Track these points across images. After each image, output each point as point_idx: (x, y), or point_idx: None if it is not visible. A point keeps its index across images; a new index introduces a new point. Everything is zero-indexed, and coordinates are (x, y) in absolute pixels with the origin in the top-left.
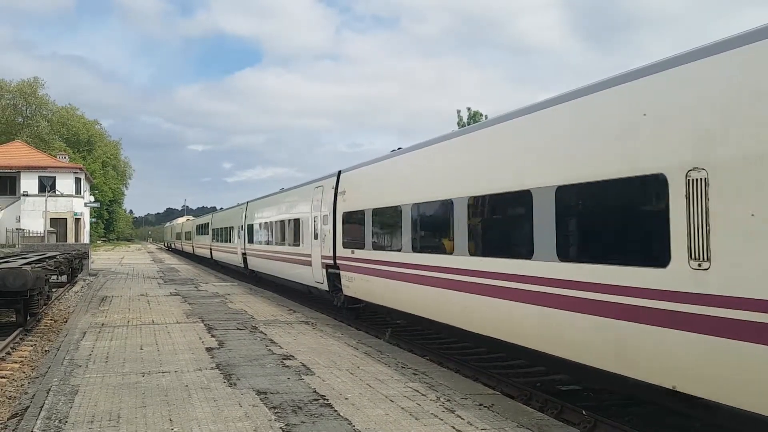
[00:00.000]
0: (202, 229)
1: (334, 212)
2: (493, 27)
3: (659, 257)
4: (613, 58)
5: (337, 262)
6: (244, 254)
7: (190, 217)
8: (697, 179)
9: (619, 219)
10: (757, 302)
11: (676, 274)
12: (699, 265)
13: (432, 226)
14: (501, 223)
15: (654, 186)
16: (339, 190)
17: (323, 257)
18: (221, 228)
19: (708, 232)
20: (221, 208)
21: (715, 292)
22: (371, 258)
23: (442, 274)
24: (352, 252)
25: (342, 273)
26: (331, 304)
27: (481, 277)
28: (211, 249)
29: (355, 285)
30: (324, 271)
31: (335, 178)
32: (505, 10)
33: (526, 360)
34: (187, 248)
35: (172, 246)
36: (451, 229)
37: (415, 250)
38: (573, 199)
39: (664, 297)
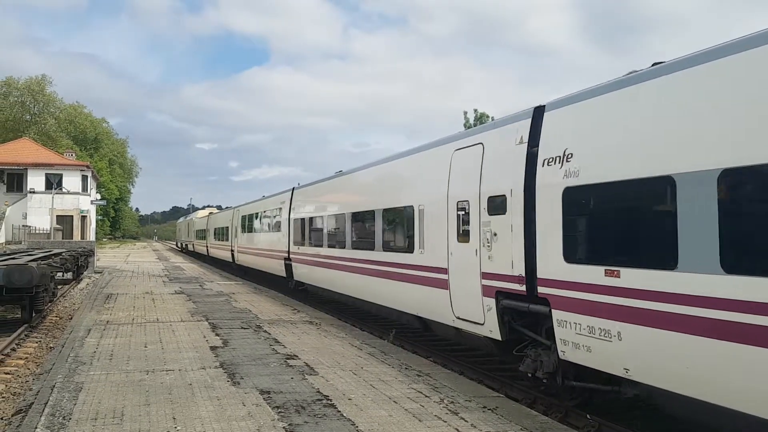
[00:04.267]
0: (255, 222)
1: None
2: (503, 27)
3: None
4: (624, 60)
5: None
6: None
7: (214, 210)
8: None
9: None
10: None
11: None
12: None
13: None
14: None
15: None
16: None
17: None
18: (329, 216)
19: None
20: (303, 183)
21: None
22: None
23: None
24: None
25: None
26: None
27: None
28: (289, 259)
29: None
30: None
31: None
32: (515, 10)
33: None
34: (219, 253)
35: (189, 248)
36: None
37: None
38: None
39: None
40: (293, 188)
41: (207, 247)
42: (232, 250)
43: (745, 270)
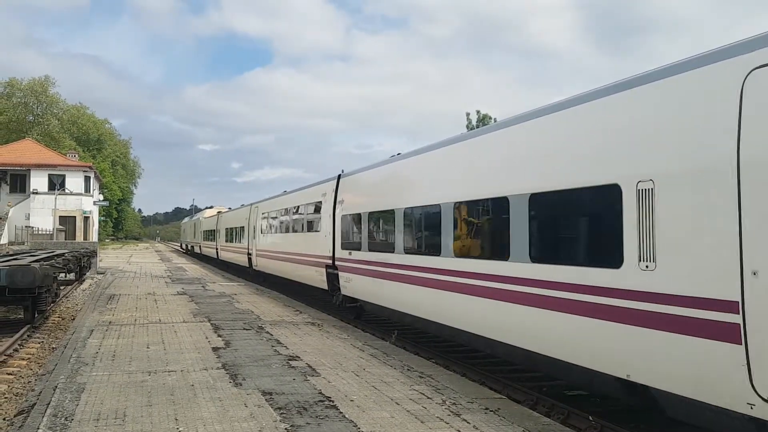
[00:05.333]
0: (282, 219)
1: None
2: (504, 29)
3: None
4: (627, 62)
5: None
6: None
7: (223, 208)
8: None
9: None
10: None
11: None
12: None
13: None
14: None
15: None
16: None
17: None
18: (408, 210)
19: None
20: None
21: None
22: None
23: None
24: None
25: None
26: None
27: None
28: (334, 267)
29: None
30: None
31: None
32: (517, 12)
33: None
34: (231, 256)
35: (196, 250)
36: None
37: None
38: None
39: None
40: (339, 175)
41: (217, 249)
42: (249, 254)
43: None
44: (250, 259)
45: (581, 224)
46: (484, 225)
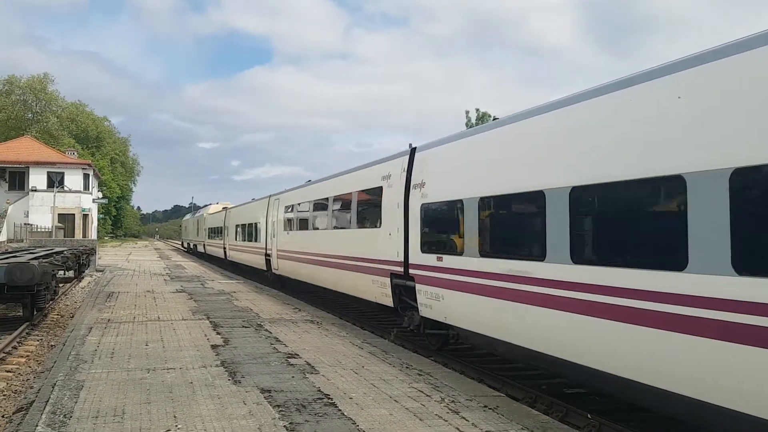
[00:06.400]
0: (316, 213)
1: None
2: (505, 28)
3: None
4: (628, 61)
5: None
6: None
7: (228, 204)
8: None
9: None
10: None
11: None
12: None
13: None
14: None
15: None
16: None
17: None
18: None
19: None
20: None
21: None
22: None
23: None
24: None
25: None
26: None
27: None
28: (407, 277)
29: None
30: None
31: None
32: (518, 11)
33: None
34: (243, 257)
35: (199, 249)
36: None
37: None
38: None
39: None
40: (412, 149)
41: (225, 248)
42: (267, 255)
43: None
44: (268, 261)
45: None
46: None
